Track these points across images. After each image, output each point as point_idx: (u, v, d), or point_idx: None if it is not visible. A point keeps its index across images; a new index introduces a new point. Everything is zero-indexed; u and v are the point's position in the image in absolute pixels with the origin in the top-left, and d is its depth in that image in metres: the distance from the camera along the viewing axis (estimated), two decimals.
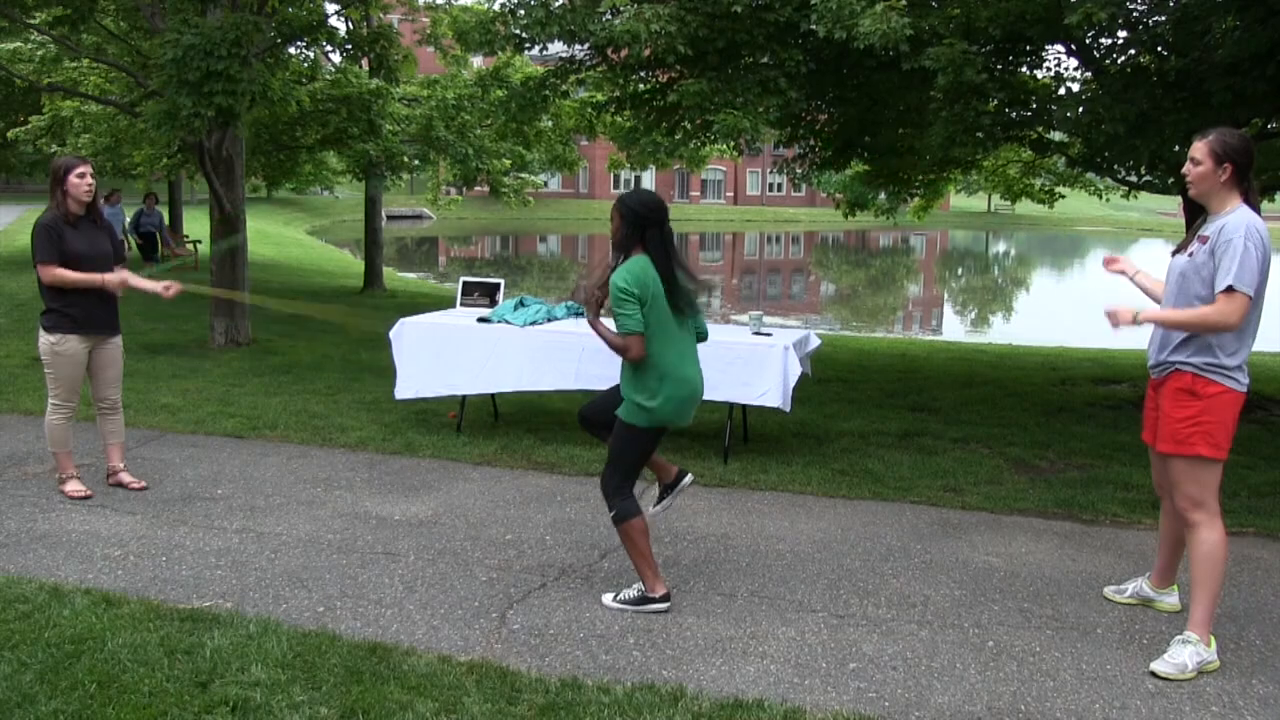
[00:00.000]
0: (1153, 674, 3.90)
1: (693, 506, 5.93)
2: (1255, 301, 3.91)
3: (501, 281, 8.09)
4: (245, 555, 4.98)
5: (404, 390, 7.40)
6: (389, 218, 43.13)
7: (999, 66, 8.57)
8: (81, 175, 5.70)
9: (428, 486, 6.27)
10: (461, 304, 7.99)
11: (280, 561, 4.91)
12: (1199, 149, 4.03)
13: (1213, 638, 4.03)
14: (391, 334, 7.45)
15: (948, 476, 6.67)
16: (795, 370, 6.70)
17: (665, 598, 4.45)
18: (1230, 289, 3.83)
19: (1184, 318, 3.97)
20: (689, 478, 4.85)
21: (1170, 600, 4.56)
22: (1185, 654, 3.93)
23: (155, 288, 5.89)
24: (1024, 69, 9.28)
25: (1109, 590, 4.73)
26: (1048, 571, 5.03)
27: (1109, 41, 8.69)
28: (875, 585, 4.81)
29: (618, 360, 4.50)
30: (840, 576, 4.91)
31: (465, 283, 8.11)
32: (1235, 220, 3.91)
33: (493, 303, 7.84)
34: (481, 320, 7.31)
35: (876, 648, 4.12)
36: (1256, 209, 4.01)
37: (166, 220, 22.20)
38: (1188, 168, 4.08)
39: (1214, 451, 4.00)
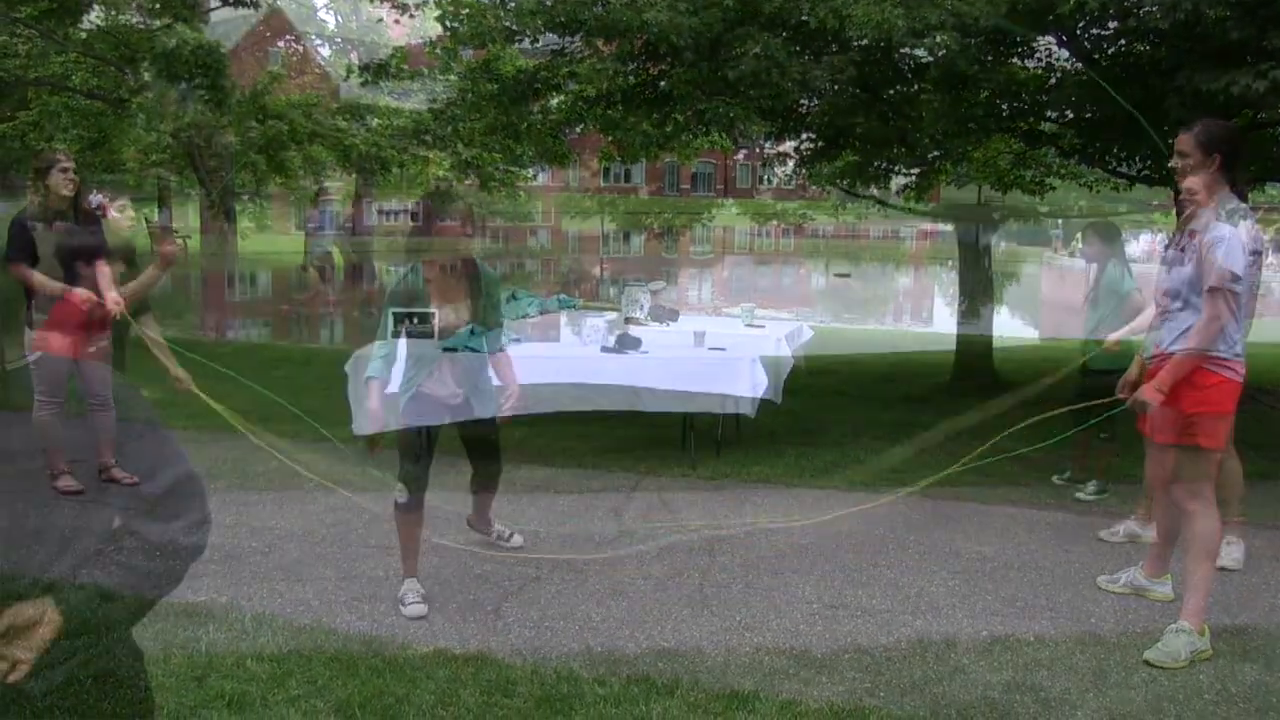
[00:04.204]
0: (1147, 662, 3.92)
1: (686, 499, 5.93)
2: (1247, 291, 3.93)
3: None
4: (240, 550, 4.97)
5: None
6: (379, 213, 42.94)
7: (989, 58, 8.57)
8: (64, 170, 5.62)
9: None
10: None
11: (275, 556, 4.90)
12: (1185, 142, 4.03)
13: (1206, 626, 4.04)
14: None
15: (941, 468, 6.66)
16: (787, 365, 6.69)
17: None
18: (1213, 289, 3.84)
19: (1191, 356, 3.90)
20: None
21: (1164, 589, 4.57)
22: (1179, 643, 3.94)
23: (114, 304, 5.55)
24: (1015, 60, 9.28)
25: (1102, 580, 4.74)
26: (1042, 561, 5.05)
27: (1098, 32, 8.70)
28: (869, 576, 4.82)
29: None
30: (834, 568, 4.91)
31: None
32: (1221, 220, 3.92)
33: None
34: None
35: (871, 638, 4.12)
36: (1244, 197, 4.02)
37: (155, 215, 21.90)
38: (1176, 161, 4.09)
39: (1212, 442, 4.01)
